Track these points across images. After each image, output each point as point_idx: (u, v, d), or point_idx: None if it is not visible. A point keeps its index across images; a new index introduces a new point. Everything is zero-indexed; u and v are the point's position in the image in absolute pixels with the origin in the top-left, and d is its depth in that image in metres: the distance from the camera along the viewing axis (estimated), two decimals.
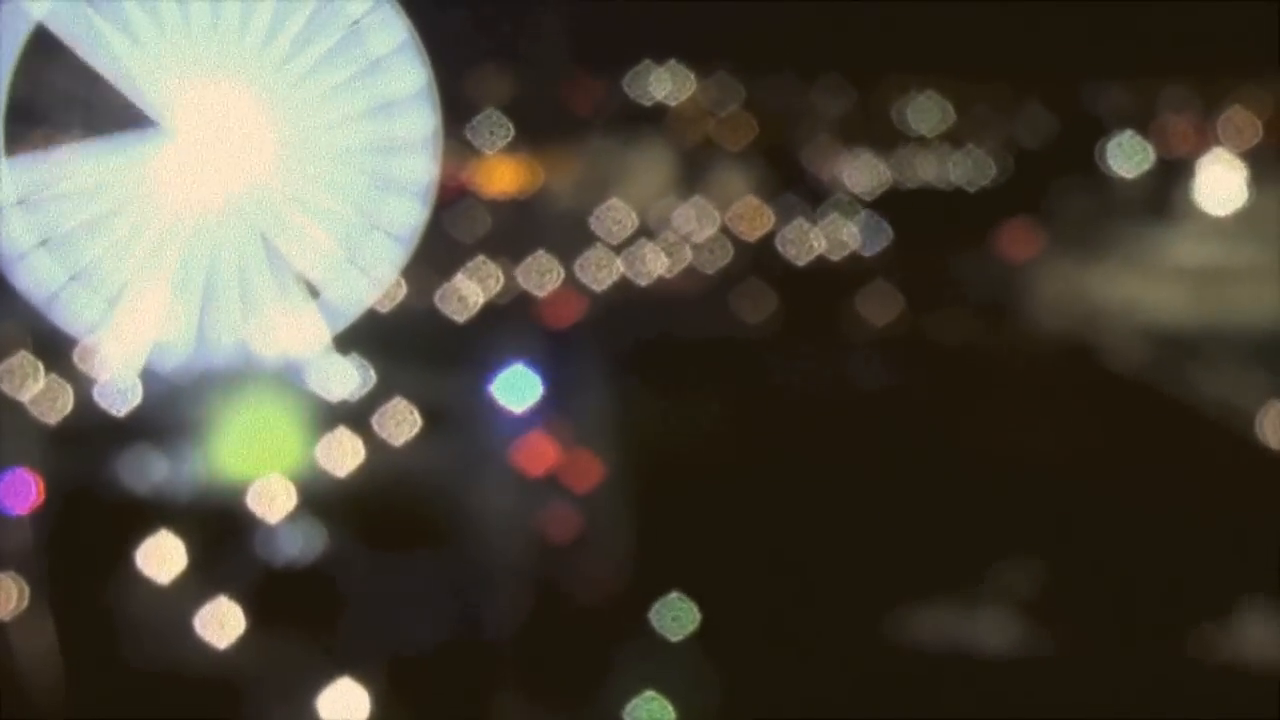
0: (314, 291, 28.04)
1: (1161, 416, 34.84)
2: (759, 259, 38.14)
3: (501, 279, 36.44)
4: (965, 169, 39.32)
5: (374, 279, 28.08)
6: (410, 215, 27.82)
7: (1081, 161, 38.02)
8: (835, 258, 38.51)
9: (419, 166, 27.74)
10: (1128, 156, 38.06)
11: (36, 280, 26.89)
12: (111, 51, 26.60)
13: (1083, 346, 36.62)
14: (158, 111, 27.01)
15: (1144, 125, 38.28)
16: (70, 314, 27.18)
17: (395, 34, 27.22)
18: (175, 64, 26.90)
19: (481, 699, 29.47)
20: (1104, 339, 36.79)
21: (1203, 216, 37.57)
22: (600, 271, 37.15)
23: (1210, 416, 34.93)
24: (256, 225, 27.55)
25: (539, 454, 32.88)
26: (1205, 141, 38.14)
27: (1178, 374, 35.98)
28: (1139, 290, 37.23)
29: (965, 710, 29.20)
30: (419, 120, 27.49)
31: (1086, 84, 38.29)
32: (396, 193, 27.75)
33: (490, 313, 35.92)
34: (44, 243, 26.75)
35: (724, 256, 38.13)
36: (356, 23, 27.13)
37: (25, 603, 30.07)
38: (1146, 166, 38.12)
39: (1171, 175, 37.99)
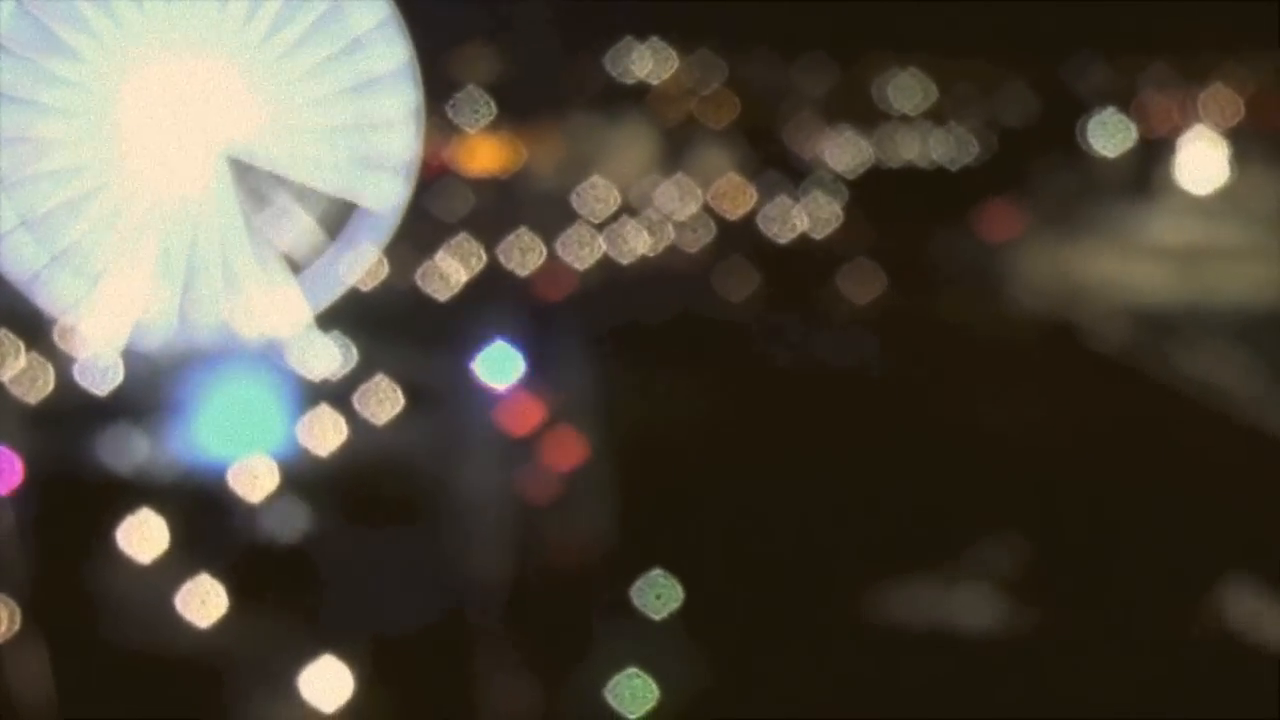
0: (295, 269, 28.00)
1: (1142, 394, 34.91)
2: (741, 237, 38.14)
3: (483, 257, 36.40)
4: (947, 147, 39.31)
5: (356, 257, 28.04)
6: (392, 193, 27.76)
7: (1063, 139, 38.03)
8: (817, 235, 38.52)
9: (401, 144, 27.68)
10: (1110, 134, 38.06)
11: (17, 260, 26.82)
12: (92, 30, 26.53)
13: (1064, 324, 36.67)
14: (138, 90, 26.93)
15: (1126, 103, 38.29)
16: (51, 293, 27.12)
17: (377, 11, 27.14)
18: (156, 42, 26.82)
19: (464, 676, 29.47)
20: (1085, 317, 36.83)
21: (1184, 195, 37.60)
22: (582, 250, 37.11)
23: (1190, 394, 35.00)
24: (238, 204, 27.49)
25: (523, 415, 32.87)
26: (1187, 119, 38.15)
27: (1158, 352, 36.03)
28: (1120, 268, 37.26)
29: (947, 687, 29.25)
30: (401, 98, 27.43)
31: (1068, 61, 38.28)
32: (378, 170, 27.69)
33: (472, 291, 35.89)
34: (24, 223, 26.69)
35: (706, 234, 38.12)
36: None
37: (5, 581, 30.03)
38: (1128, 144, 38.13)
39: (1153, 153, 38.00)
